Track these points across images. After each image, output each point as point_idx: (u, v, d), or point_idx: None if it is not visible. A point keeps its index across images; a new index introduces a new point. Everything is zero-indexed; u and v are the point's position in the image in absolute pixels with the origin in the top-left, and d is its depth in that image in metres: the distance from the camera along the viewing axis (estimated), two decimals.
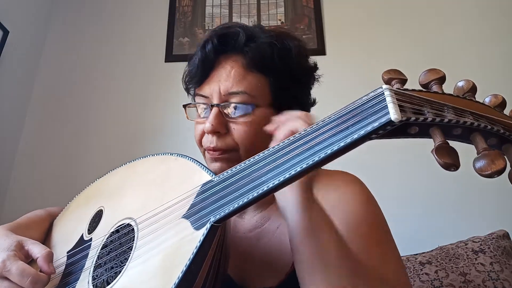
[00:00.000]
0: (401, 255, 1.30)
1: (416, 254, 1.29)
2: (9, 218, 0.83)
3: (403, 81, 0.46)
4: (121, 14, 2.19)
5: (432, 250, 1.30)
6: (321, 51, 1.98)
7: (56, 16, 2.21)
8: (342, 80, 1.91)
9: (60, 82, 2.08)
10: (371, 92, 0.43)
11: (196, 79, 0.79)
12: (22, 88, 2.00)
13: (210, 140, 0.73)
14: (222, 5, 2.13)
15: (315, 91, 0.89)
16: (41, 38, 2.14)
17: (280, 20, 2.08)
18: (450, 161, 0.39)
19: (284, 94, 0.76)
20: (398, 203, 1.67)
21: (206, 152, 0.75)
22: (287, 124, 0.56)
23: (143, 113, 1.98)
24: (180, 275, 0.50)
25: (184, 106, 0.82)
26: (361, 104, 0.43)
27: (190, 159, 0.66)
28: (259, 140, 0.72)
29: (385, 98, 0.41)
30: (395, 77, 0.46)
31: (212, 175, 0.58)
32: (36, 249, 0.65)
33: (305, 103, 0.83)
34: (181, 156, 0.69)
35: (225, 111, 0.73)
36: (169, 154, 0.72)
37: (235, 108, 0.73)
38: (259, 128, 0.72)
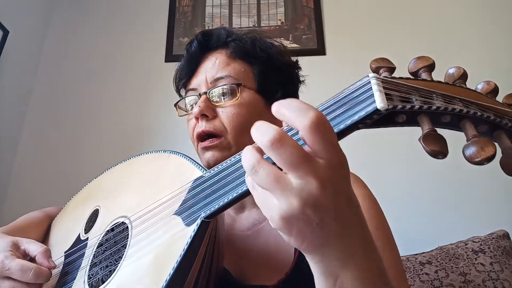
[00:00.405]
0: (401, 255, 1.30)
1: (416, 254, 1.29)
2: (9, 218, 0.83)
3: (392, 69, 0.45)
4: (121, 14, 2.19)
5: (432, 250, 1.30)
6: (321, 51, 1.98)
7: (56, 16, 2.22)
8: (342, 80, 1.91)
9: (60, 82, 2.08)
10: (358, 81, 0.42)
11: (184, 74, 0.84)
12: (22, 88, 2.00)
13: (199, 125, 0.75)
14: (222, 5, 2.13)
15: (315, 90, 0.89)
16: (41, 38, 2.14)
17: (280, 20, 2.08)
18: (438, 149, 0.38)
19: (268, 80, 0.79)
20: (398, 203, 1.67)
21: (198, 145, 0.77)
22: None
23: (143, 113, 1.98)
24: (171, 272, 0.50)
25: (175, 104, 0.85)
26: (348, 94, 0.42)
27: (182, 156, 0.66)
28: (248, 124, 0.73)
29: (371, 87, 0.40)
30: (383, 66, 0.45)
31: (203, 171, 0.58)
32: (33, 247, 0.65)
33: (290, 92, 0.84)
34: (174, 153, 0.69)
35: (213, 97, 0.76)
36: (162, 151, 0.72)
37: (221, 92, 0.76)
38: (247, 112, 0.75)
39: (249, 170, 0.39)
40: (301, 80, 0.89)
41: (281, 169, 0.38)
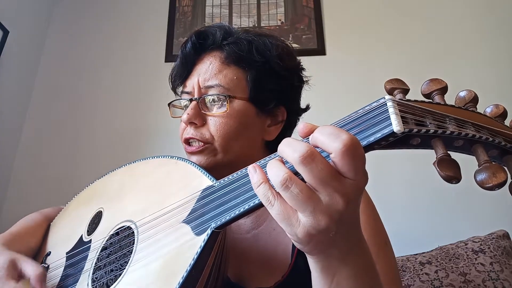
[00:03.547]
0: (401, 255, 1.30)
1: (416, 254, 1.30)
2: (9, 218, 0.83)
3: (406, 91, 0.45)
4: (121, 14, 2.19)
5: (432, 250, 1.31)
6: (321, 51, 1.98)
7: (56, 16, 2.21)
8: (341, 80, 1.92)
9: (60, 82, 2.08)
10: (374, 102, 0.42)
11: (179, 75, 0.82)
12: (22, 88, 2.00)
13: (187, 132, 0.75)
14: (222, 5, 2.13)
15: (315, 90, 0.89)
16: (41, 38, 2.14)
17: (280, 20, 2.08)
18: (452, 174, 0.39)
19: (262, 88, 0.77)
20: (398, 203, 1.67)
21: (186, 148, 0.76)
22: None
23: (143, 113, 1.98)
24: (181, 281, 0.50)
25: (169, 104, 0.84)
26: (363, 114, 0.42)
27: (190, 163, 0.66)
28: (236, 134, 0.73)
29: (387, 109, 0.40)
30: (397, 87, 0.46)
31: (213, 180, 0.58)
32: (29, 269, 0.65)
33: (288, 99, 0.82)
34: (181, 160, 0.69)
35: (203, 105, 0.75)
36: (169, 157, 0.72)
37: (211, 101, 0.74)
38: (236, 122, 0.73)
39: (279, 185, 0.39)
40: (304, 80, 0.86)
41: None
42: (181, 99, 0.81)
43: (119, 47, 2.12)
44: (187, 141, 0.75)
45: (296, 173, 0.40)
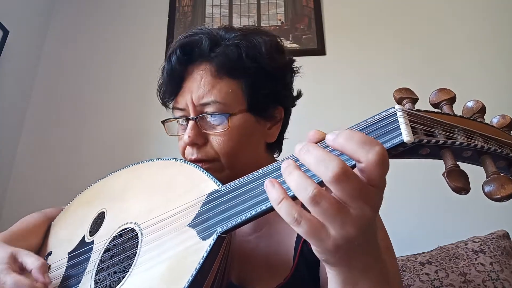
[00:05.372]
0: (401, 255, 1.30)
1: (416, 254, 1.30)
2: (9, 218, 0.83)
3: (414, 100, 0.46)
4: (121, 14, 2.19)
5: (432, 250, 1.31)
6: (321, 51, 1.98)
7: (56, 16, 2.21)
8: (342, 80, 1.92)
9: (59, 82, 2.08)
10: (383, 111, 0.42)
11: (169, 92, 0.78)
12: (22, 88, 2.00)
13: (191, 152, 0.73)
14: (222, 5, 2.13)
15: (315, 90, 0.89)
16: (41, 38, 2.13)
17: (280, 20, 2.08)
18: (461, 185, 0.39)
19: (259, 94, 0.74)
20: (398, 203, 1.67)
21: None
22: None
23: (143, 113, 1.97)
24: (186, 285, 0.50)
25: (163, 122, 0.81)
26: (373, 123, 0.42)
27: (196, 166, 0.66)
28: (241, 147, 0.72)
29: (397, 119, 0.40)
30: (406, 96, 0.46)
31: (219, 185, 0.58)
32: (30, 261, 0.65)
33: (284, 98, 0.80)
34: (186, 163, 0.69)
35: (201, 123, 0.72)
36: (174, 159, 0.71)
37: (210, 121, 0.72)
38: (238, 136, 0.72)
39: (308, 201, 0.38)
40: (295, 70, 0.82)
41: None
42: (176, 118, 0.78)
43: (119, 47, 2.12)
44: (191, 160, 0.73)
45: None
